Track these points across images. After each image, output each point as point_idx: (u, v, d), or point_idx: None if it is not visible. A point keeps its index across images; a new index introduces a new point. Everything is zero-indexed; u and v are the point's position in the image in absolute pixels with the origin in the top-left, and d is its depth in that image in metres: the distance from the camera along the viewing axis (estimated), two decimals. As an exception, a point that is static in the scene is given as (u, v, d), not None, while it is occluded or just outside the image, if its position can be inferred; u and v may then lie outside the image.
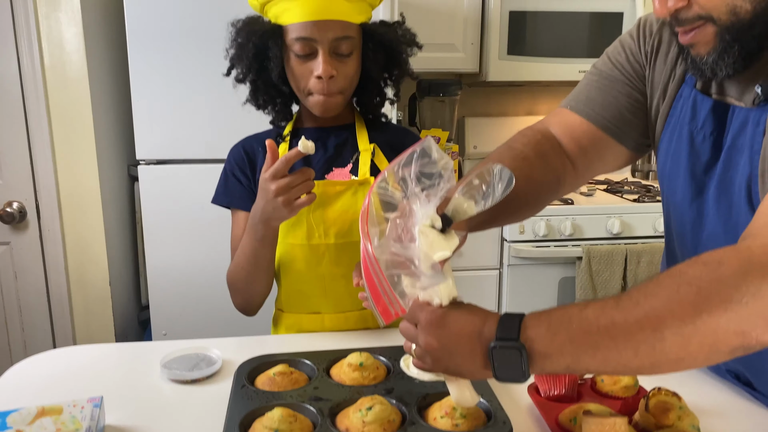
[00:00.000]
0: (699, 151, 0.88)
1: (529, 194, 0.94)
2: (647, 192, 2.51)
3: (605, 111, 0.98)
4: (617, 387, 0.87)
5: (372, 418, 0.77)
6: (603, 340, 0.62)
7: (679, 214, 0.93)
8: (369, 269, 0.70)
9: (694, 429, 0.75)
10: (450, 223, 0.70)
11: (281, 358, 0.96)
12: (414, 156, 0.69)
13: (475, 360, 0.68)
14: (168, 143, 1.93)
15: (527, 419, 0.87)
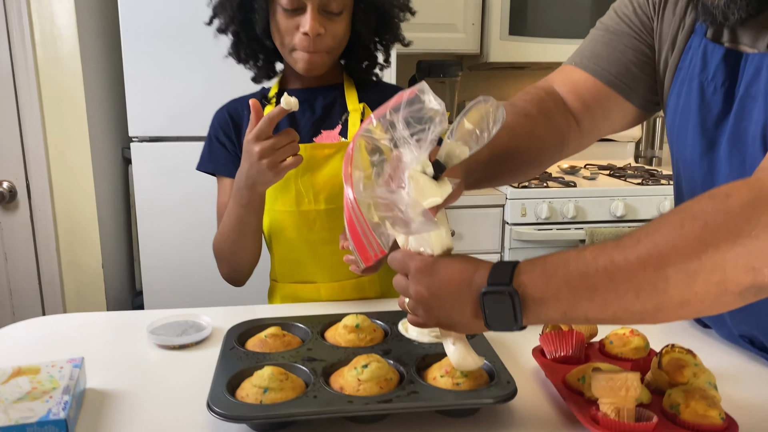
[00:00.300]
0: (710, 104, 0.83)
1: (531, 151, 0.91)
2: (651, 176, 2.47)
3: (611, 66, 0.94)
4: (627, 349, 0.82)
5: (368, 376, 0.72)
6: (602, 282, 0.57)
7: (689, 171, 0.88)
8: (350, 215, 0.67)
9: (711, 386, 0.70)
10: (443, 169, 0.67)
11: (273, 322, 0.91)
12: (405, 101, 0.65)
13: (465, 309, 0.64)
14: (162, 120, 1.89)
15: (532, 382, 0.82)
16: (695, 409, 0.66)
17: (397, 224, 0.66)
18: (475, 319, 0.64)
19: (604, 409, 0.67)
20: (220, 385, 0.73)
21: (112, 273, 2.12)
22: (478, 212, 2.21)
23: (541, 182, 2.30)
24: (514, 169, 0.91)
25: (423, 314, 0.67)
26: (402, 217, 0.66)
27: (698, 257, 0.54)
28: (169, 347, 0.93)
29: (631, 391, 0.66)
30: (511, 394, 0.71)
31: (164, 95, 1.87)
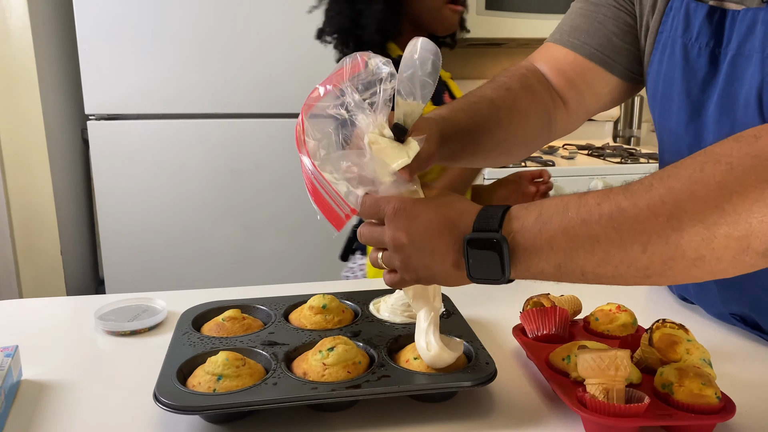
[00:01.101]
0: (695, 66, 0.78)
1: (514, 125, 0.85)
2: (630, 155, 2.44)
3: (591, 39, 0.89)
4: (614, 325, 0.78)
5: (334, 359, 0.66)
6: (605, 231, 0.52)
7: (675, 141, 0.83)
8: (313, 183, 0.62)
9: (705, 363, 0.66)
10: (404, 131, 0.63)
11: (233, 304, 0.85)
12: (349, 70, 0.62)
13: (446, 257, 0.59)
14: (121, 96, 1.79)
15: (513, 363, 0.77)
16: (689, 388, 0.61)
17: (364, 183, 0.62)
18: (457, 270, 0.59)
19: (592, 390, 0.61)
20: (169, 374, 0.66)
21: (72, 260, 2.03)
22: (455, 193, 2.16)
23: (518, 162, 2.25)
24: (496, 145, 0.85)
25: (400, 265, 0.61)
26: (368, 177, 0.62)
27: (720, 206, 0.48)
28: (119, 333, 0.86)
29: (620, 370, 0.61)
30: (491, 377, 0.66)
31: (123, 69, 1.78)
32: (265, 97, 1.88)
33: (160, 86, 1.81)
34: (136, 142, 1.83)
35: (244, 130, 1.90)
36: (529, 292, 0.85)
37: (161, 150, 1.84)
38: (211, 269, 1.94)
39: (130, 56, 1.77)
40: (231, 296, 0.91)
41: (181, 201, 1.88)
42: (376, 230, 0.63)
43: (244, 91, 1.87)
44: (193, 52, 1.79)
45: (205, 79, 1.83)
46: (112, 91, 1.79)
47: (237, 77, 1.84)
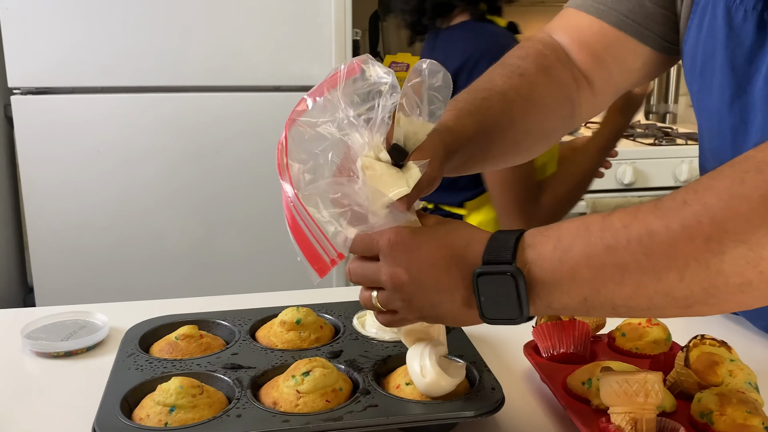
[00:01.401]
0: (740, 34, 0.78)
1: (531, 120, 0.86)
2: (665, 135, 2.46)
3: (619, 3, 0.89)
4: (643, 342, 0.79)
5: (310, 386, 0.67)
6: (634, 258, 0.53)
7: (716, 124, 0.84)
8: (293, 216, 0.63)
9: (751, 388, 0.67)
10: (404, 154, 0.64)
11: (188, 319, 0.85)
12: (343, 77, 0.63)
13: (455, 295, 0.60)
14: (51, 66, 1.78)
15: (523, 387, 0.78)
16: (732, 416, 0.62)
17: (355, 221, 0.63)
18: (468, 309, 0.60)
19: (617, 420, 0.62)
20: (111, 404, 0.67)
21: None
22: (457, 181, 2.17)
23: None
24: (511, 146, 0.86)
25: (401, 306, 0.62)
26: (361, 212, 0.63)
27: (765, 224, 0.49)
28: (51, 355, 0.86)
29: (651, 396, 0.61)
30: (497, 405, 0.67)
31: (54, 34, 1.77)
32: (226, 67, 1.87)
33: (98, 54, 1.79)
34: (70, 120, 1.81)
35: (201, 107, 1.89)
36: (544, 303, 0.85)
37: (101, 131, 1.83)
38: (163, 275, 1.93)
39: (61, 18, 1.76)
40: (186, 309, 0.91)
41: (126, 193, 1.87)
42: (369, 267, 0.63)
43: (201, 60, 1.86)
44: (138, 12, 1.78)
45: (153, 45, 1.81)
46: (40, 60, 1.77)
47: (192, 43, 1.84)
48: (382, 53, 2.48)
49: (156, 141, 1.87)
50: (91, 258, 1.89)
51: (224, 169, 1.93)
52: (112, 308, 0.99)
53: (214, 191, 1.93)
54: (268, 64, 1.89)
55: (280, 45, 1.88)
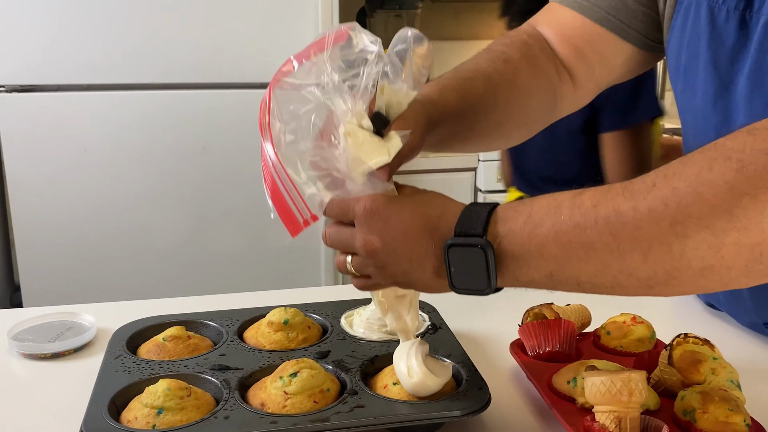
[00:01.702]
0: (722, 34, 0.79)
1: (513, 105, 0.87)
2: (651, 130, 2.47)
3: (602, 0, 0.90)
4: (628, 340, 0.79)
5: (298, 387, 0.67)
6: (600, 237, 0.54)
7: (700, 121, 0.85)
8: (272, 175, 0.64)
9: (733, 385, 0.67)
10: (385, 122, 0.65)
11: (176, 319, 0.85)
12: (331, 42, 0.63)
13: (426, 264, 0.61)
14: (36, 64, 1.77)
15: (510, 385, 0.79)
16: (715, 414, 0.63)
17: (333, 185, 0.64)
18: (438, 278, 0.61)
19: (602, 419, 0.63)
20: (99, 406, 0.67)
21: (-21, 263, 2.01)
22: (445, 178, 2.17)
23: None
24: (493, 128, 0.87)
25: (375, 272, 0.64)
26: (339, 177, 0.64)
27: (729, 210, 0.50)
28: (39, 357, 0.86)
29: (635, 395, 0.62)
30: (484, 405, 0.67)
31: (39, 31, 1.75)
32: (212, 64, 1.86)
33: (84, 51, 1.78)
34: (55, 118, 1.80)
35: (188, 104, 1.88)
36: (529, 302, 0.86)
37: (87, 129, 1.82)
38: (150, 273, 1.93)
39: (46, 15, 1.74)
40: (173, 309, 0.91)
41: (113, 190, 1.86)
42: (345, 232, 0.64)
43: (187, 57, 1.85)
44: (124, 10, 1.77)
45: (139, 43, 1.81)
46: (25, 58, 1.76)
47: (179, 41, 1.83)
48: (369, 49, 2.48)
49: (143, 138, 1.86)
50: (78, 256, 1.88)
51: (211, 167, 1.92)
52: (99, 308, 0.99)
53: (201, 189, 1.93)
54: (254, 61, 1.88)
55: (267, 42, 1.87)
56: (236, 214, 1.95)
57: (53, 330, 0.90)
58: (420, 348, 0.69)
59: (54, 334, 0.89)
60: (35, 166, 1.82)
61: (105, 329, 0.92)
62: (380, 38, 0.69)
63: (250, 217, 1.96)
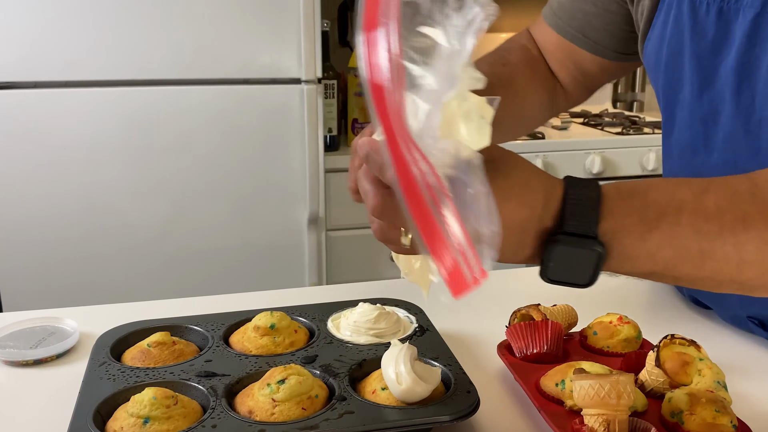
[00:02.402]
0: (703, 27, 0.81)
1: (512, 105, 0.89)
2: (632, 124, 2.48)
3: (572, 20, 0.96)
4: (615, 340, 0.80)
5: (285, 394, 0.66)
6: (724, 248, 0.53)
7: (687, 114, 0.86)
8: (408, 183, 0.45)
9: (720, 386, 0.68)
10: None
11: (159, 324, 0.84)
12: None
13: (520, 253, 0.55)
14: (14, 60, 1.74)
15: (497, 387, 0.78)
16: (702, 416, 0.63)
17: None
18: (527, 262, 0.56)
19: (591, 422, 0.63)
20: (84, 417, 0.65)
21: (-43, 263, 1.97)
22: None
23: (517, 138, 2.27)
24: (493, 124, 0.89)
25: None
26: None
27: None
28: (20, 363, 0.84)
29: (623, 398, 0.62)
30: (473, 409, 0.67)
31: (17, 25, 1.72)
32: (193, 60, 1.84)
33: (62, 47, 1.75)
34: (33, 116, 1.77)
35: (168, 101, 1.85)
36: (516, 302, 0.86)
37: (66, 126, 1.79)
38: (131, 274, 1.91)
39: (23, 11, 1.71)
40: (157, 312, 0.90)
41: (94, 189, 1.84)
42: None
43: (167, 53, 1.82)
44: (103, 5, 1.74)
45: (118, 39, 1.78)
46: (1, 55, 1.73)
47: (159, 36, 1.80)
48: (351, 44, 2.46)
49: (123, 135, 1.84)
50: (58, 256, 1.85)
51: (193, 163, 1.90)
52: (81, 312, 0.98)
53: (183, 186, 1.91)
54: (236, 57, 1.86)
55: (248, 37, 1.85)
56: (219, 211, 1.94)
57: (35, 336, 0.89)
58: (408, 353, 0.68)
59: (36, 340, 0.87)
60: (12, 164, 1.79)
61: (88, 334, 0.90)
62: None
63: (234, 214, 1.94)
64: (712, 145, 0.83)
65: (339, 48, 2.50)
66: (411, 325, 0.84)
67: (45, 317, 0.93)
